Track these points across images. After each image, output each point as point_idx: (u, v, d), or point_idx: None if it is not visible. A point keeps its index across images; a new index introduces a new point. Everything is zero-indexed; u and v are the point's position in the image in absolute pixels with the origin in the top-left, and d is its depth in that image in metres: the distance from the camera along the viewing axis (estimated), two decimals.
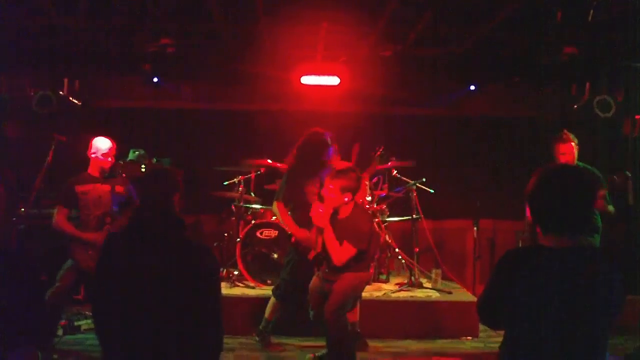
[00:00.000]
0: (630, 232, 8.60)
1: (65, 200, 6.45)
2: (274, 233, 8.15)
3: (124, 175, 7.42)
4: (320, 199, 6.36)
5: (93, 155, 6.57)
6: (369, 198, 8.29)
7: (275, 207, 6.68)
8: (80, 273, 6.29)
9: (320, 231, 5.87)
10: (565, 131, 6.82)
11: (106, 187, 6.53)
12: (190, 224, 9.40)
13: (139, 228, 3.49)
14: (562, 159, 6.59)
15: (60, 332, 7.01)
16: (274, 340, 6.92)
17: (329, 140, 6.68)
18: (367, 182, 8.05)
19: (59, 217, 6.40)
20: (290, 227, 6.56)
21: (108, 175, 6.61)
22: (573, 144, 6.75)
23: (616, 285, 2.86)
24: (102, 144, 6.58)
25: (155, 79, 9.11)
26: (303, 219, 6.41)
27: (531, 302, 2.83)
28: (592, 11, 6.97)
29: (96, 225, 6.40)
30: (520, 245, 6.28)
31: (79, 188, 6.45)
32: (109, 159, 6.58)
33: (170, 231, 3.45)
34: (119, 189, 6.60)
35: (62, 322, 7.13)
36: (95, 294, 3.51)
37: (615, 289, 2.86)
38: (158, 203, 3.51)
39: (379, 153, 8.15)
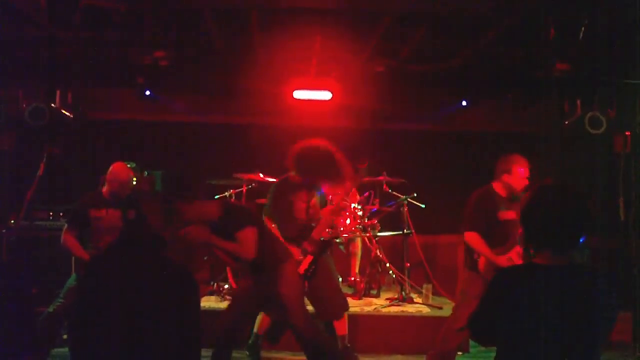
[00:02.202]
0: (621, 248, 8.62)
1: (75, 222, 6.40)
2: None
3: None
4: (307, 213, 6.37)
5: (111, 182, 6.49)
6: (360, 213, 8.30)
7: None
8: None
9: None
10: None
11: (118, 213, 6.47)
12: (181, 237, 9.38)
13: (124, 248, 3.50)
14: (522, 183, 6.15)
15: None
16: (264, 354, 6.90)
17: (336, 156, 6.54)
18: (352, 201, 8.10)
19: (67, 237, 6.34)
20: None
21: (121, 202, 6.54)
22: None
23: (610, 301, 2.87)
24: (122, 173, 6.49)
25: (148, 92, 9.11)
26: (290, 233, 6.41)
27: (526, 319, 2.84)
28: (583, 28, 7.03)
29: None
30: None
31: (93, 213, 6.39)
32: (127, 190, 6.52)
33: (152, 252, 3.46)
34: (131, 214, 6.54)
35: None
36: (76, 312, 3.51)
37: (609, 305, 2.87)
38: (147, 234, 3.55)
39: (364, 165, 8.16)
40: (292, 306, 5.66)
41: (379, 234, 8.73)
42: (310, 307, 6.41)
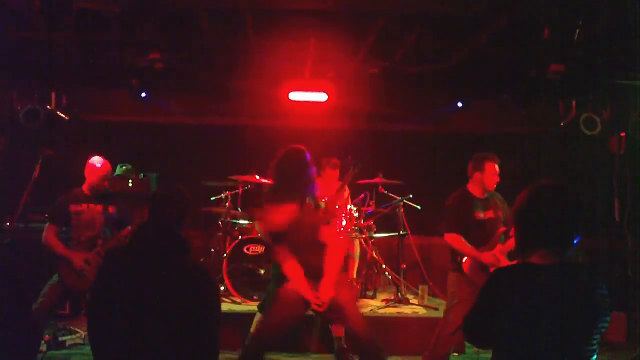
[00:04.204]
0: (616, 248, 8.64)
1: (56, 218, 6.40)
2: (260, 249, 8.14)
3: (110, 189, 7.41)
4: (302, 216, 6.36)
5: (88, 177, 6.51)
6: (356, 214, 8.31)
7: (258, 225, 6.63)
8: (65, 289, 6.25)
9: None
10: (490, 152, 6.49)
11: (99, 208, 6.48)
12: None
13: (141, 246, 3.45)
14: (493, 180, 6.29)
15: (44, 347, 6.96)
16: None
17: (308, 158, 6.54)
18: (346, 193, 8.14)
19: (48, 234, 6.33)
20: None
21: (101, 196, 6.56)
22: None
23: (604, 300, 2.88)
24: (99, 167, 6.51)
25: (143, 94, 9.09)
26: None
27: (524, 318, 2.84)
28: (578, 30, 7.04)
29: (87, 246, 6.36)
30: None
31: (73, 207, 6.40)
32: (104, 182, 6.53)
33: (174, 253, 3.41)
34: (111, 209, 6.56)
35: (47, 337, 7.09)
36: (91, 309, 3.47)
37: (604, 304, 2.88)
38: (169, 224, 3.48)
39: (349, 162, 8.14)
40: (350, 310, 5.60)
41: (374, 235, 8.74)
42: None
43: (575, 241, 2.98)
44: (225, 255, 8.18)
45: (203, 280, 3.40)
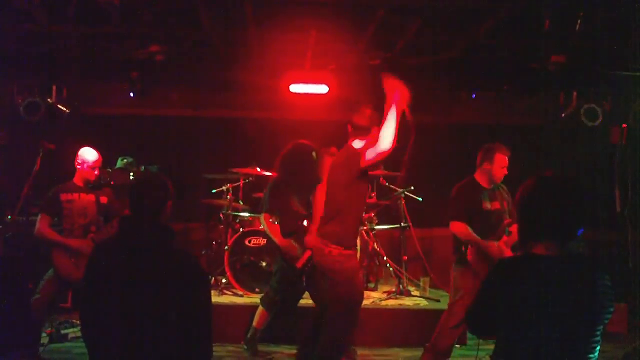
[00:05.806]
0: (617, 239, 8.64)
1: (48, 208, 6.41)
2: (262, 241, 8.14)
3: (112, 182, 7.43)
4: (307, 207, 6.38)
5: (79, 167, 6.54)
6: None
7: (262, 218, 6.66)
8: (63, 282, 6.26)
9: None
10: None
11: (91, 197, 6.52)
12: (178, 232, 9.38)
13: (128, 237, 3.46)
14: (501, 172, 6.26)
15: (46, 340, 6.98)
16: (262, 347, 6.91)
17: (313, 154, 6.59)
18: None
19: (41, 224, 6.35)
20: (276, 237, 6.52)
21: (92, 186, 6.59)
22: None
23: (607, 291, 2.88)
24: (88, 155, 6.54)
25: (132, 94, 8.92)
26: (289, 227, 6.42)
27: (527, 309, 2.84)
28: (579, 20, 7.02)
29: (80, 234, 6.37)
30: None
31: (64, 197, 6.42)
32: (95, 171, 6.55)
33: (160, 240, 3.43)
34: (103, 199, 6.59)
35: (49, 330, 7.11)
36: (83, 302, 3.48)
37: (607, 294, 2.88)
38: (151, 211, 3.49)
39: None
40: None
41: (376, 227, 8.74)
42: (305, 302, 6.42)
43: (578, 233, 2.98)
44: (226, 247, 8.18)
45: (189, 266, 3.41)
